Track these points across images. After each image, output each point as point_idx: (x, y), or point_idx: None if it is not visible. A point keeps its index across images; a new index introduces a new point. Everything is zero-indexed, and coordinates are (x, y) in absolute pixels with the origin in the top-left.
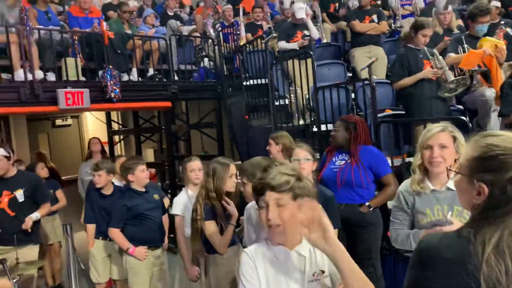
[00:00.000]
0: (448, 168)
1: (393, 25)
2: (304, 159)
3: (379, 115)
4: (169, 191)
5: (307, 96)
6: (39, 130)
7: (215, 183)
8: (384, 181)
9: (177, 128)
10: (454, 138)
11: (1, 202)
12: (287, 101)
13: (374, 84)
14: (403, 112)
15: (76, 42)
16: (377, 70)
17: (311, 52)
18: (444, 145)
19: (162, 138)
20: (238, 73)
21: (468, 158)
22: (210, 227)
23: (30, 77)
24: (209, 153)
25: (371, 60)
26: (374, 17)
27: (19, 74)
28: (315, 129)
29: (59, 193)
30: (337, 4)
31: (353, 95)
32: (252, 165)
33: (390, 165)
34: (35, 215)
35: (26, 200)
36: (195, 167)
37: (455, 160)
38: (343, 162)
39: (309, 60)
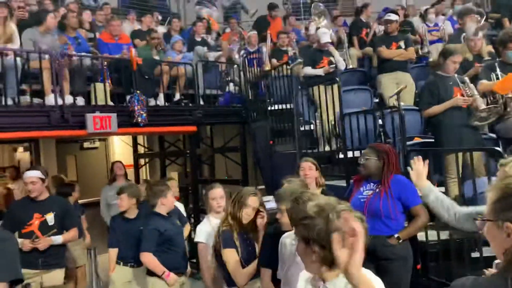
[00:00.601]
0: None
1: (420, 51)
2: None
3: (407, 143)
4: (192, 215)
5: (333, 122)
6: (67, 152)
7: (234, 210)
8: (413, 212)
9: (202, 152)
10: None
11: (31, 224)
12: (312, 127)
13: (403, 112)
14: (433, 140)
15: (105, 67)
16: (405, 96)
17: (337, 79)
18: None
19: (186, 162)
20: (263, 97)
21: (490, 203)
22: (231, 255)
23: (60, 101)
24: (232, 177)
25: (400, 88)
26: (401, 43)
27: (50, 99)
28: (341, 155)
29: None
30: (368, 30)
31: (380, 121)
32: (288, 192)
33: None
34: (56, 238)
35: (56, 224)
36: (216, 196)
37: None
38: (371, 191)
39: (335, 86)
